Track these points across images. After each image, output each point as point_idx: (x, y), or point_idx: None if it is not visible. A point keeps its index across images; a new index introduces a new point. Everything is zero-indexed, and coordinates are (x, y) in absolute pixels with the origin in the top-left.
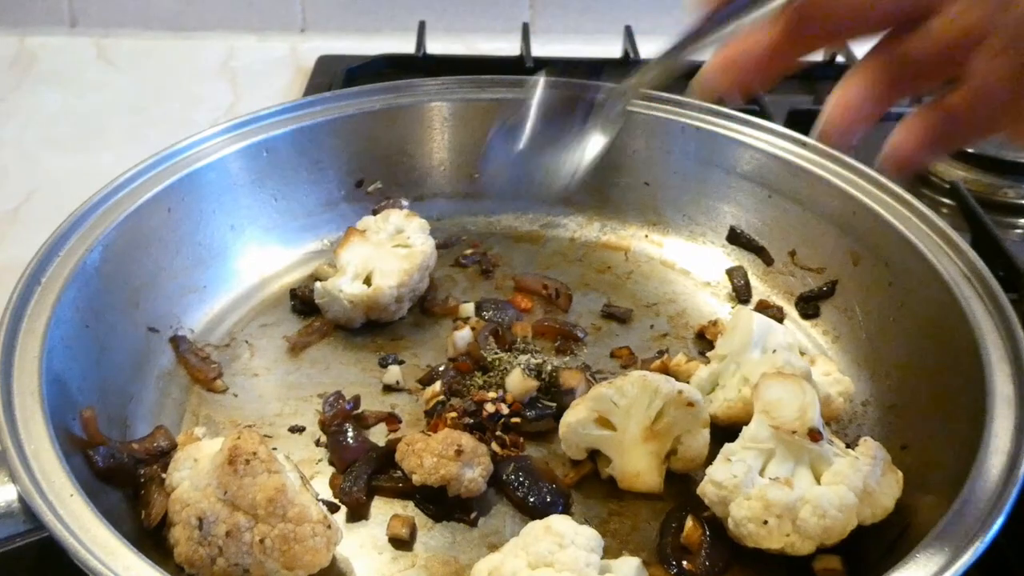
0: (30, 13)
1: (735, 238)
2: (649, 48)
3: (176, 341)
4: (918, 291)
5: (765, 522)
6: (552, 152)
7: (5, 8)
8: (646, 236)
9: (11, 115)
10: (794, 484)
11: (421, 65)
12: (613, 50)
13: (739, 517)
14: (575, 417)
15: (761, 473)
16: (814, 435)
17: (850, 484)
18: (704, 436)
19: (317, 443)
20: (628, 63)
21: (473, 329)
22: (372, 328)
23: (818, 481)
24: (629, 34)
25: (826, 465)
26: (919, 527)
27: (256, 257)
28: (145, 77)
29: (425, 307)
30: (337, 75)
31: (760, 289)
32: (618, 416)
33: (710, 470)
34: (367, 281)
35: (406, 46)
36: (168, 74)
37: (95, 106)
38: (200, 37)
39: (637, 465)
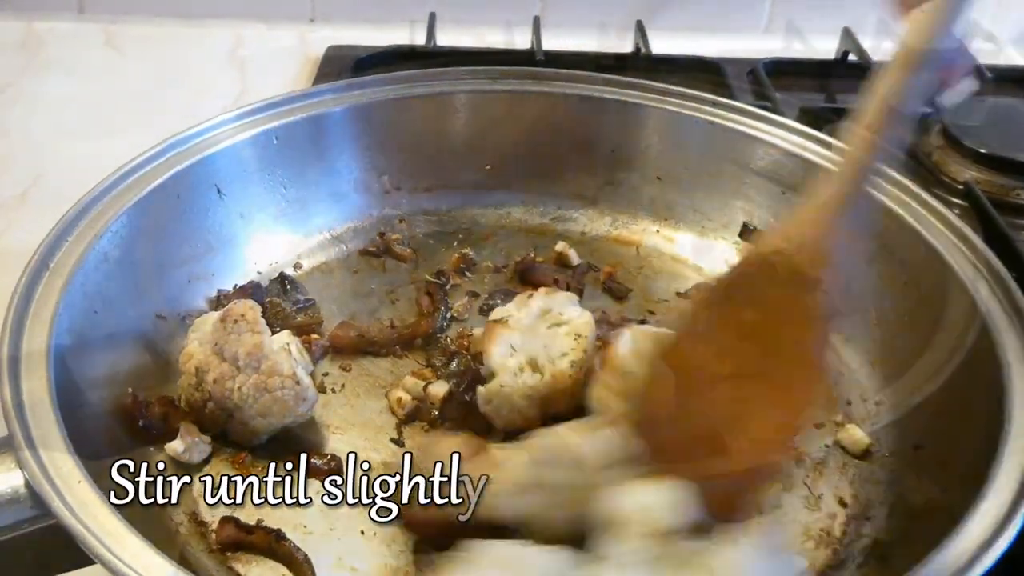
0: None
1: (748, 235)
2: (660, 43)
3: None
4: (933, 290)
5: None
6: None
7: None
8: (657, 231)
9: (18, 100)
10: None
11: (431, 57)
12: (624, 45)
13: None
14: None
15: None
16: None
17: None
18: None
19: None
20: (639, 58)
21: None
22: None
23: None
24: (640, 29)
25: None
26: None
27: (265, 245)
28: (153, 64)
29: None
30: (346, 65)
31: None
32: None
33: None
34: (537, 370)
35: (416, 38)
36: (176, 62)
37: (103, 92)
38: (209, 25)
39: None
